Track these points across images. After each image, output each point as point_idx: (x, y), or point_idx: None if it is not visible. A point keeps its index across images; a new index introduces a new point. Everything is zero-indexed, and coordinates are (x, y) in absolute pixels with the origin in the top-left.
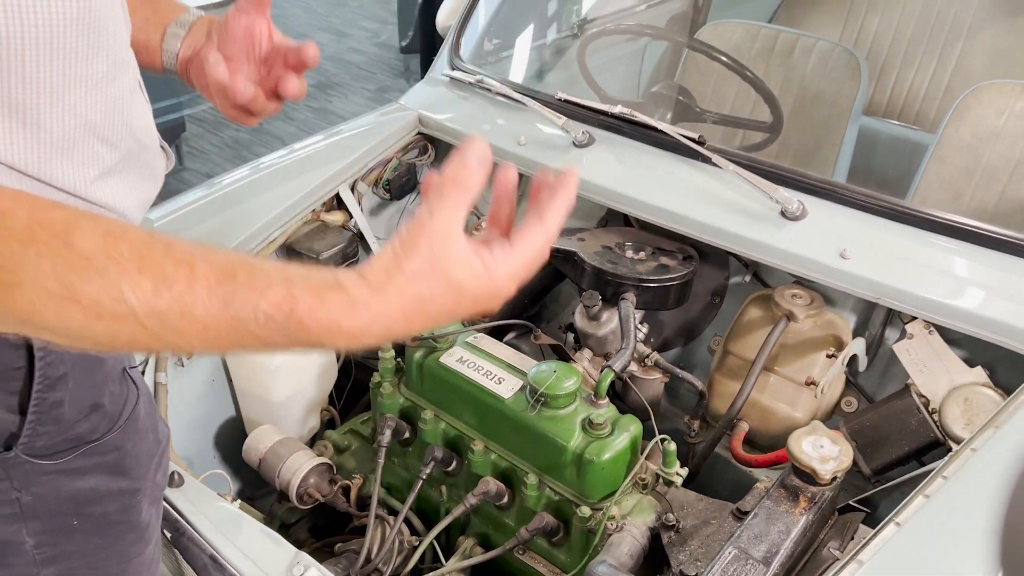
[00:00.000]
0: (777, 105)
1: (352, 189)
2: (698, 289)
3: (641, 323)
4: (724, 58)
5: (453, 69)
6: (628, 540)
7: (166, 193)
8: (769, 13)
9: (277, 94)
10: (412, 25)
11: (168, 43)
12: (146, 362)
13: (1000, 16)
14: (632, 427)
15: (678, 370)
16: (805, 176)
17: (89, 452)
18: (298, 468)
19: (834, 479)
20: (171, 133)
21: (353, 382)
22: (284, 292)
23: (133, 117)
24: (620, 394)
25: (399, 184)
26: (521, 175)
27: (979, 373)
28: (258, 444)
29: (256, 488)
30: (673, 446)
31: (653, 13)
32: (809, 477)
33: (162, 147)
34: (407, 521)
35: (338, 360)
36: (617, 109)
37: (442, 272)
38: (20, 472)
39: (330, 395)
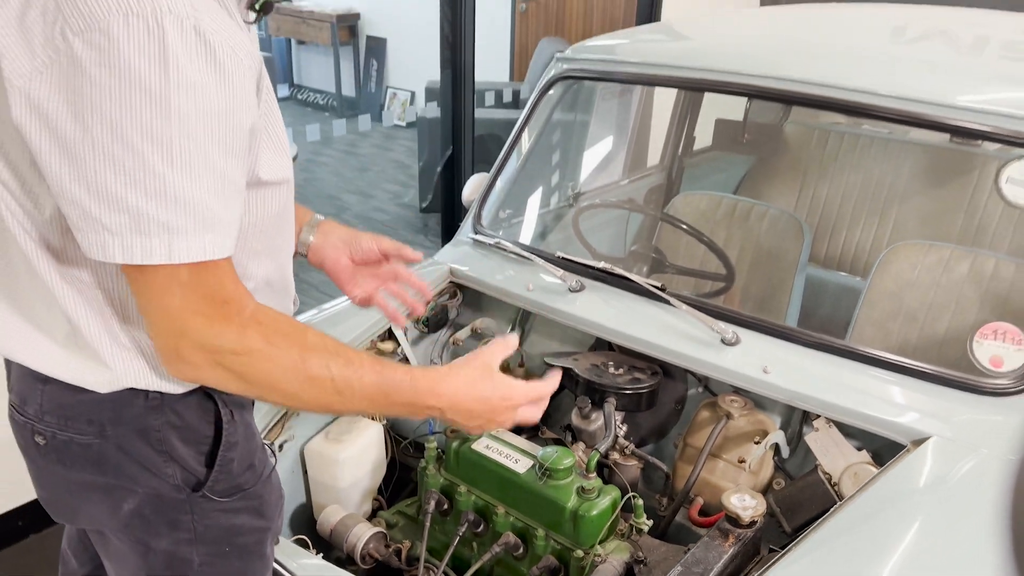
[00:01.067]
0: (728, 261)
1: None
2: (665, 399)
3: (622, 423)
4: (684, 226)
5: (476, 233)
6: (610, 569)
7: None
8: (735, 185)
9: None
10: (431, 188)
11: (303, 236)
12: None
13: (926, 187)
14: (613, 493)
15: (649, 457)
16: (738, 313)
17: (243, 497)
18: (361, 535)
19: (753, 523)
20: None
21: (397, 478)
22: (406, 369)
23: (287, 271)
24: (606, 480)
25: (435, 321)
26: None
27: (864, 455)
28: (330, 518)
29: None
30: (641, 501)
31: (636, 185)
32: (735, 521)
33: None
34: (445, 573)
35: (387, 455)
36: (601, 264)
37: (488, 371)
38: (200, 508)
39: (379, 487)
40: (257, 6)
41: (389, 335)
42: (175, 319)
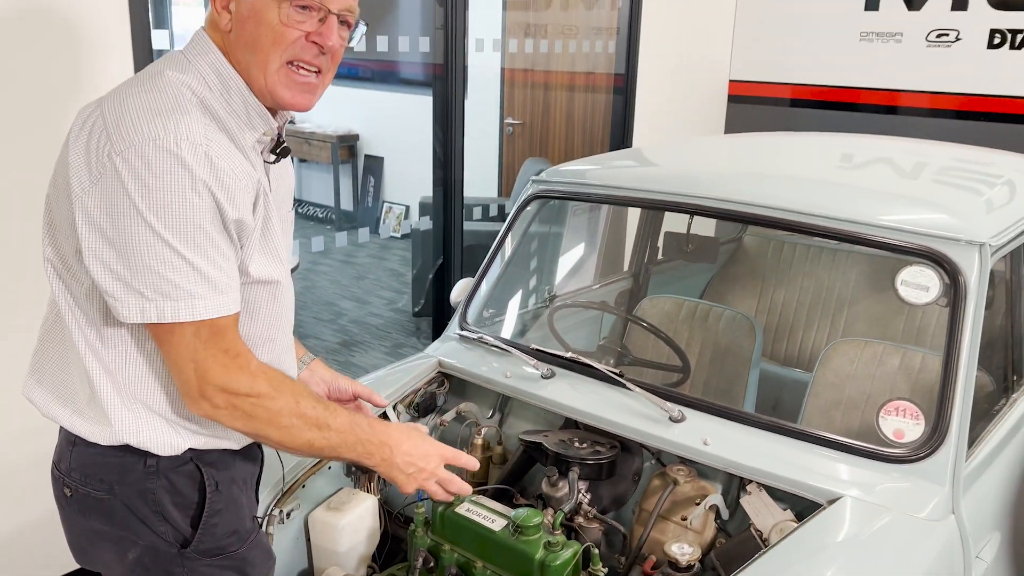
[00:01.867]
0: (684, 354)
1: (394, 408)
2: (624, 471)
3: (587, 492)
4: (645, 324)
5: (462, 329)
6: None
7: None
8: (700, 290)
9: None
10: (424, 294)
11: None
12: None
13: (871, 292)
14: (574, 547)
15: (609, 520)
16: (684, 395)
17: (228, 557)
18: None
19: (690, 566)
20: None
21: (388, 549)
22: (368, 419)
23: (285, 364)
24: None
25: (424, 406)
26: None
27: (789, 514)
28: None
29: None
30: (596, 551)
31: (607, 289)
32: (675, 565)
33: None
34: None
35: (380, 526)
36: (569, 354)
37: (421, 432)
38: (189, 563)
39: (373, 555)
40: (278, 151)
41: (385, 418)
42: (199, 367)
